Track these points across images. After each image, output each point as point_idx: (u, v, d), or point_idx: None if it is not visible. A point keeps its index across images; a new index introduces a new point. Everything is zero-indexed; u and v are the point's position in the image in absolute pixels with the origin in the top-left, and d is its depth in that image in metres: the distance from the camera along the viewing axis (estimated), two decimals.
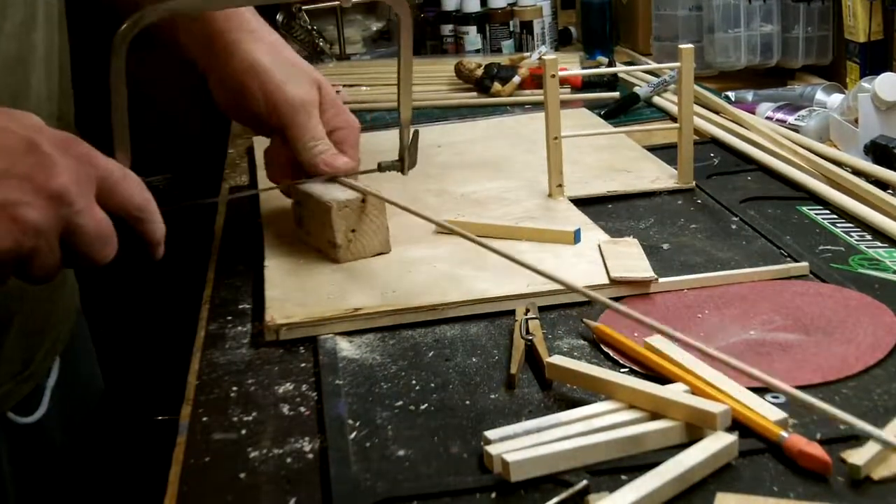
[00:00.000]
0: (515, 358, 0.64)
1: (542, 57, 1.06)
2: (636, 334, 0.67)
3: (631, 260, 0.77)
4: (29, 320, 0.77)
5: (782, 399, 0.58)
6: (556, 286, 0.73)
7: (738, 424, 0.55)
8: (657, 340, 0.64)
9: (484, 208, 0.93)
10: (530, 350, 0.65)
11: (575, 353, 0.66)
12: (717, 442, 0.53)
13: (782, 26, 1.41)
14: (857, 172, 0.96)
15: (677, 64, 0.92)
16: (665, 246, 0.83)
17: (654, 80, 1.36)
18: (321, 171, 0.82)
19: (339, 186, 0.82)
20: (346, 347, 0.69)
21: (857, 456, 0.51)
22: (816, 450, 0.52)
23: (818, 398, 0.58)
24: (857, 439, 0.53)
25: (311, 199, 0.82)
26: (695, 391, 0.57)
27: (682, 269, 0.78)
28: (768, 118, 1.18)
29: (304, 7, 1.70)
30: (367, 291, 0.75)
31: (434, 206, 0.94)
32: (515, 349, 0.65)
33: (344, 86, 1.53)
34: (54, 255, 0.59)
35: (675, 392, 0.56)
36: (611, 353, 0.65)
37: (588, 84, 1.39)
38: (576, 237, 0.82)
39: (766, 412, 0.56)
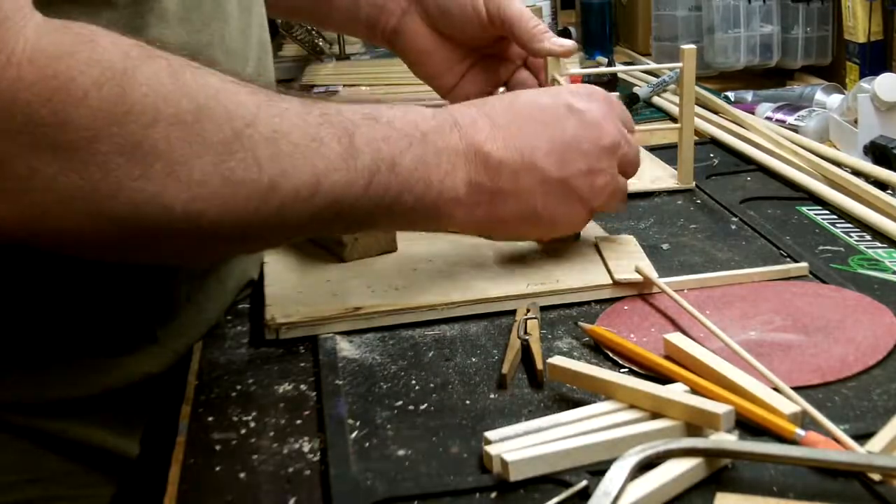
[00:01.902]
0: (509, 358, 0.64)
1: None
2: (632, 336, 0.67)
3: (631, 259, 0.77)
4: None
5: None
6: (556, 286, 0.73)
7: (752, 422, 0.55)
8: (676, 337, 0.64)
9: None
10: (526, 350, 0.65)
11: (574, 353, 0.66)
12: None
13: (782, 27, 1.41)
14: (856, 173, 0.96)
15: (679, 64, 0.92)
16: (665, 246, 0.83)
17: (654, 80, 1.36)
18: (555, 52, 0.84)
19: None
20: (346, 347, 0.69)
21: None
22: (835, 448, 0.52)
23: (818, 399, 0.58)
24: (873, 434, 0.53)
25: None
26: (697, 391, 0.57)
27: (682, 270, 0.78)
28: (768, 118, 1.18)
29: None
30: (366, 290, 0.74)
31: None
32: (510, 349, 0.66)
33: (344, 86, 1.53)
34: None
35: (675, 392, 0.56)
36: (610, 353, 0.65)
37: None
38: (576, 234, 0.82)
39: (781, 406, 0.55)
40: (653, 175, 0.99)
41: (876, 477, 0.50)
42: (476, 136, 0.67)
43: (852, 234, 0.84)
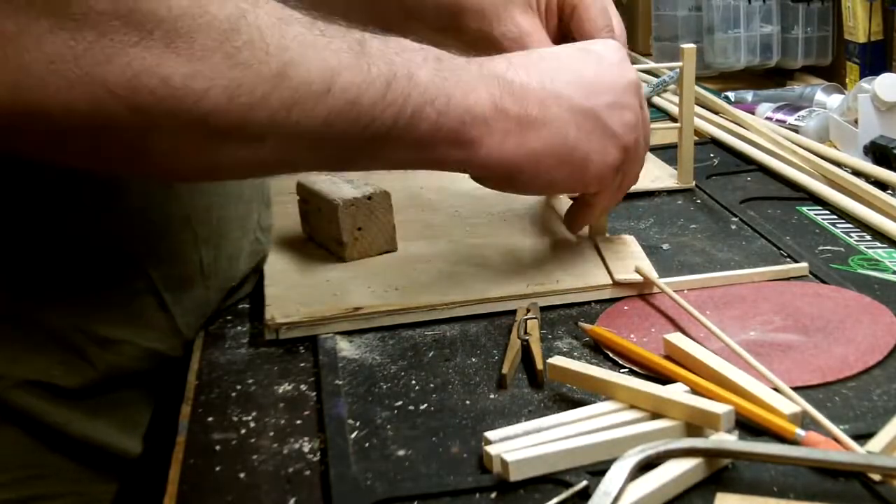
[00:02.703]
0: (509, 358, 0.64)
1: None
2: (632, 336, 0.67)
3: (631, 259, 0.77)
4: None
5: None
6: (556, 286, 0.73)
7: (752, 422, 0.55)
8: (676, 337, 0.64)
9: (484, 203, 0.93)
10: (526, 350, 0.65)
11: (575, 354, 0.66)
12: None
13: (782, 27, 1.41)
14: (856, 173, 0.96)
15: (678, 64, 0.92)
16: (665, 246, 0.83)
17: (654, 80, 1.36)
18: None
19: (346, 184, 0.82)
20: (346, 347, 0.69)
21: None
22: (835, 448, 0.52)
23: (818, 399, 0.58)
24: (873, 434, 0.53)
25: (317, 197, 0.81)
26: (697, 391, 0.57)
27: (682, 270, 0.78)
28: (768, 118, 1.18)
29: None
30: (366, 290, 0.74)
31: (434, 202, 0.94)
32: (510, 349, 0.65)
33: None
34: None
35: (675, 392, 0.56)
36: (610, 353, 0.65)
37: None
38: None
39: (781, 406, 0.55)
40: (652, 175, 0.99)
41: (876, 477, 0.50)
42: (496, 67, 0.64)
43: (852, 234, 0.84)
